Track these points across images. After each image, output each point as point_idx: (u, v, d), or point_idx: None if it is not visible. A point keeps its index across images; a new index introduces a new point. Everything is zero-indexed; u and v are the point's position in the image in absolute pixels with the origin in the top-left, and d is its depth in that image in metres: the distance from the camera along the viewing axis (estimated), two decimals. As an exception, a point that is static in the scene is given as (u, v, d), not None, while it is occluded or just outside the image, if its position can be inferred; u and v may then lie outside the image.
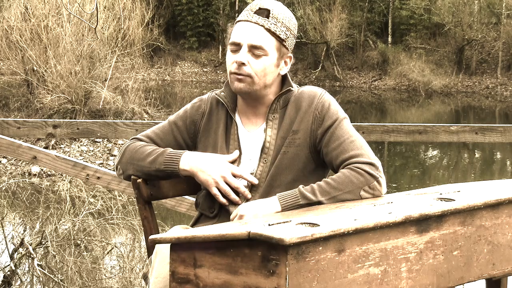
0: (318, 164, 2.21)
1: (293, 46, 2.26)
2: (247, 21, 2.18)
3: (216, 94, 2.32)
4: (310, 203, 2.04)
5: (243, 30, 2.17)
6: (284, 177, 2.18)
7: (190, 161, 2.21)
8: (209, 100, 2.33)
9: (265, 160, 2.20)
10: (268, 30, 2.16)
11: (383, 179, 2.11)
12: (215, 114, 2.30)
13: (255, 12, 2.17)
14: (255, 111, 2.26)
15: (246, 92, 2.19)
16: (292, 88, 2.23)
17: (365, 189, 2.08)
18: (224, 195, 2.19)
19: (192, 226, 2.31)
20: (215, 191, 2.19)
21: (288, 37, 2.20)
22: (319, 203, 2.04)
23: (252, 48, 2.15)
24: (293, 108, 2.21)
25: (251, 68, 2.16)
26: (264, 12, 2.17)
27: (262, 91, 2.21)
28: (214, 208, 2.25)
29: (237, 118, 2.27)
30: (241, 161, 2.24)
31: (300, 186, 2.08)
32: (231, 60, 2.18)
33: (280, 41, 2.19)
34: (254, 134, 2.25)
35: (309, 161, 2.19)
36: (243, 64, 2.15)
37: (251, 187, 2.20)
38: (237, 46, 2.17)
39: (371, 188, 2.08)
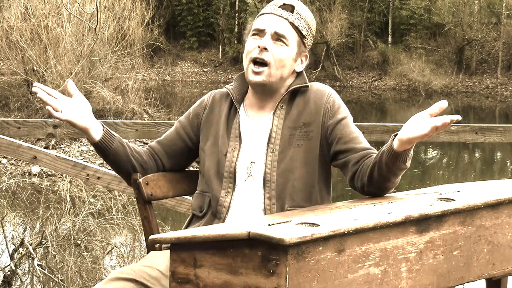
0: (327, 157, 2.22)
1: (310, 45, 2.31)
2: (271, 13, 2.23)
3: (226, 87, 2.34)
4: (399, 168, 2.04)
5: (268, 20, 2.22)
6: (299, 170, 2.18)
7: None
8: (212, 94, 2.37)
9: (273, 150, 2.19)
10: (292, 24, 2.21)
11: None
12: (218, 106, 2.32)
13: (279, 7, 2.23)
14: (263, 105, 2.26)
15: (263, 84, 2.20)
16: (307, 84, 2.25)
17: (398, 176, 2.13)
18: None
19: (186, 227, 2.32)
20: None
21: (309, 35, 2.27)
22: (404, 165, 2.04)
23: (275, 36, 2.19)
24: (301, 100, 2.23)
25: (272, 55, 2.18)
26: (288, 8, 2.23)
27: (278, 84, 2.23)
28: (203, 207, 2.26)
29: (241, 109, 2.28)
30: (241, 149, 2.23)
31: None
32: (253, 45, 2.20)
33: (301, 36, 2.24)
34: (258, 122, 2.25)
35: (320, 154, 2.21)
36: (265, 49, 2.18)
37: (264, 181, 2.18)
38: (261, 33, 2.21)
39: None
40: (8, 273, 6.01)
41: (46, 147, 14.27)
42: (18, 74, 18.50)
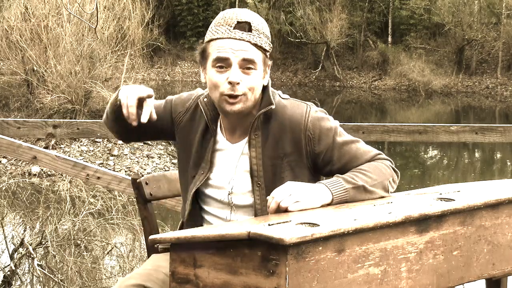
0: (317, 175, 2.17)
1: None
2: (229, 38, 2.04)
3: (199, 99, 2.19)
4: (355, 186, 1.99)
5: (230, 47, 2.04)
6: None
7: (124, 89, 2.12)
8: (196, 101, 2.22)
9: (259, 183, 2.10)
10: (255, 45, 2.05)
11: (399, 175, 2.15)
12: (197, 117, 2.20)
13: (234, 27, 2.04)
14: (235, 128, 2.14)
15: (241, 112, 2.07)
16: (273, 107, 2.10)
17: (390, 181, 2.08)
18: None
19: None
20: (121, 100, 2.07)
21: (270, 47, 2.12)
22: (364, 188, 2.00)
23: (243, 65, 2.04)
24: (276, 126, 2.11)
25: (245, 86, 2.04)
26: (245, 26, 2.05)
27: (252, 108, 2.10)
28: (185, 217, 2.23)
29: (217, 130, 2.17)
30: (212, 174, 2.14)
31: (337, 174, 2.03)
32: (221, 79, 2.04)
33: (265, 52, 2.09)
34: (232, 149, 2.15)
35: (309, 178, 2.12)
36: (238, 83, 2.03)
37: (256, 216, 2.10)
38: (225, 64, 2.04)
39: (393, 181, 2.10)
40: (8, 273, 6.02)
41: (46, 147, 14.27)
42: (18, 74, 18.51)
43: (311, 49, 37.46)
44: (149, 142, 16.11)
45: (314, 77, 36.57)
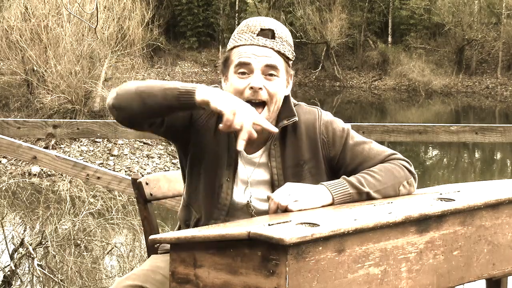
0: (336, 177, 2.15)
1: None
2: (252, 44, 2.02)
3: None
4: (359, 192, 1.99)
5: (252, 53, 2.02)
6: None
7: (208, 90, 1.91)
8: None
9: None
10: (278, 52, 2.04)
11: (416, 177, 2.12)
12: (215, 119, 2.10)
13: (258, 34, 2.03)
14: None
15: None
16: (296, 119, 2.08)
17: (404, 184, 2.06)
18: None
19: None
20: (228, 115, 1.86)
21: (293, 56, 2.11)
22: (368, 194, 2.00)
23: (266, 71, 2.02)
24: (292, 135, 2.10)
25: (267, 92, 2.02)
26: (268, 34, 2.03)
27: (273, 117, 2.07)
28: (190, 221, 2.16)
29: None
30: (236, 180, 2.09)
31: (343, 176, 2.01)
32: (243, 84, 2.01)
33: (287, 61, 2.08)
34: (250, 161, 2.11)
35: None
36: (260, 89, 2.00)
37: None
38: (247, 70, 2.01)
39: (408, 184, 2.08)
40: (8, 273, 6.02)
41: (46, 147, 14.27)
42: (18, 74, 18.52)
43: (311, 49, 37.46)
44: (149, 142, 16.11)
45: (314, 77, 36.57)
